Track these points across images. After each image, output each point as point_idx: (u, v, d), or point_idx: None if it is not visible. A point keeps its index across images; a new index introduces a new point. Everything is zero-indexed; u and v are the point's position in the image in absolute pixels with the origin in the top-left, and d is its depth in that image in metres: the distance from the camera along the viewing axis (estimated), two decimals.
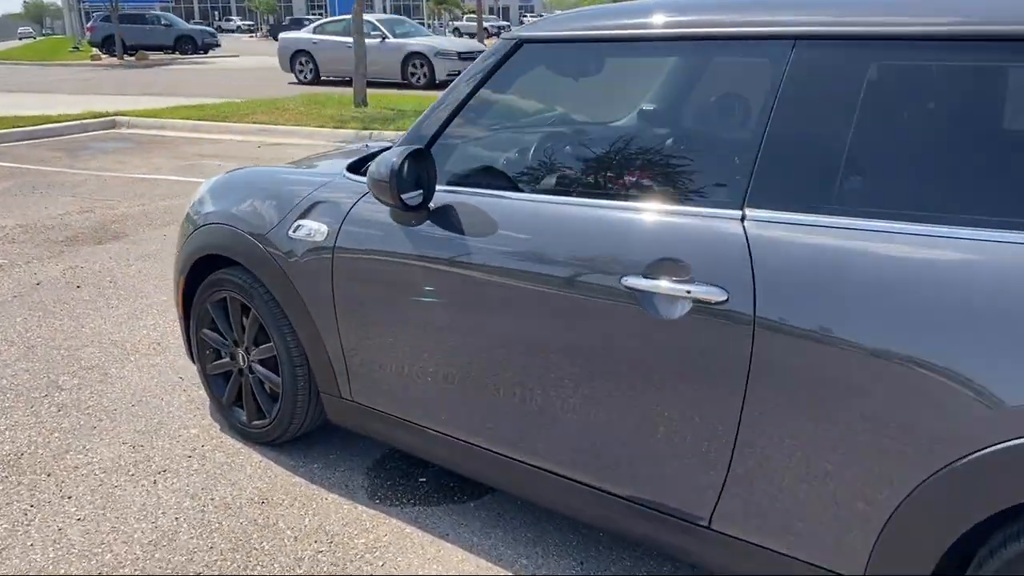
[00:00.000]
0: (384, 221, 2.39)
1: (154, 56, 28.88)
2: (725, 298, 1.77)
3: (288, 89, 16.48)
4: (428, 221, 2.29)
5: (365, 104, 12.46)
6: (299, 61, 18.94)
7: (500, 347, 2.16)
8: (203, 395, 3.40)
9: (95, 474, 2.84)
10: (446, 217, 2.26)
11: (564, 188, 2.16)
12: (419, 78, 17.31)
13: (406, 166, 2.19)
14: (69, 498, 2.70)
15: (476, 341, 2.21)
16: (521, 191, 2.24)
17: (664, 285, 1.85)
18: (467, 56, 16.72)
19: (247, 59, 29.20)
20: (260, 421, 2.96)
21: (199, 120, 11.65)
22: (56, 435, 3.10)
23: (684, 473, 1.92)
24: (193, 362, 3.24)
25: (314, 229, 2.57)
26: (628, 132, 2.39)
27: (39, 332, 4.13)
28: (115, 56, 27.47)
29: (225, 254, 2.85)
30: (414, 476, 2.81)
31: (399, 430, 2.55)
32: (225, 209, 2.87)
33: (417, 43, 17.54)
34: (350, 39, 13.61)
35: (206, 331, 3.06)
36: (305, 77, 18.87)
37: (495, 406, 2.23)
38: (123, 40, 27.53)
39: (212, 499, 2.68)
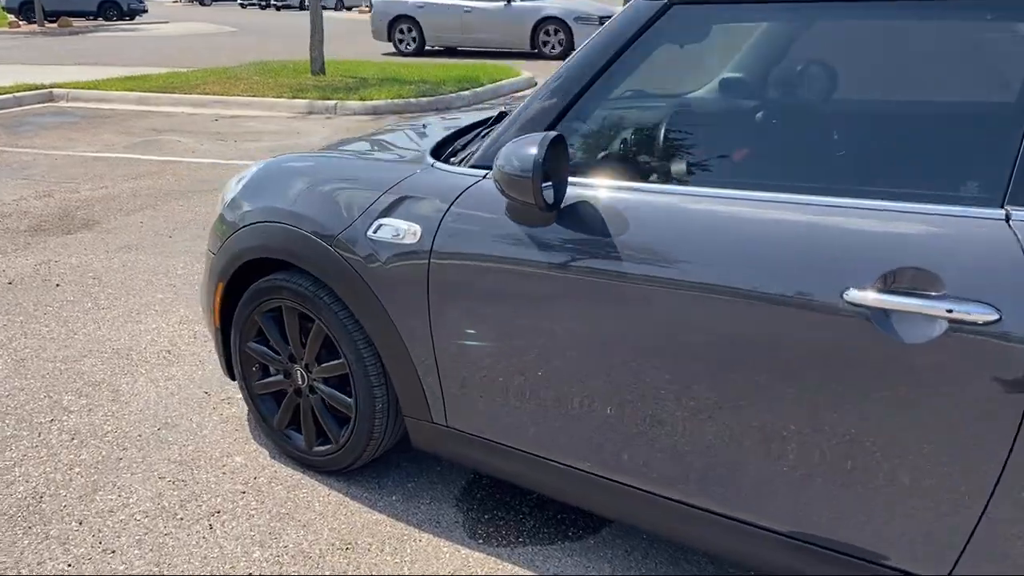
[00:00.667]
0: (499, 221, 2.01)
1: (77, 23, 27.34)
2: (996, 317, 1.45)
3: (233, 57, 15.64)
4: (557, 222, 1.92)
5: (323, 71, 11.84)
6: (399, 29, 16.43)
7: (658, 370, 1.81)
8: (237, 413, 2.98)
9: (136, 519, 2.42)
10: (583, 216, 1.89)
11: (747, 180, 1.81)
12: (552, 47, 15.11)
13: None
14: (113, 552, 2.28)
15: (624, 363, 1.86)
16: (682, 184, 1.88)
17: (905, 301, 1.52)
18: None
19: (178, 26, 27.87)
20: (324, 447, 2.57)
21: (145, 92, 10.90)
22: (77, 471, 2.66)
23: (914, 526, 1.61)
24: (231, 378, 2.83)
25: (403, 230, 2.17)
26: (831, 110, 1.99)
27: (25, 342, 3.63)
28: (35, 23, 25.91)
29: (281, 258, 2.43)
30: (512, 507, 2.46)
31: (507, 460, 2.19)
32: (278, 205, 2.45)
33: (552, 6, 15.08)
34: (466, 2, 12.44)
35: (253, 345, 2.65)
36: (407, 47, 16.48)
37: (648, 439, 1.89)
38: (42, 6, 25.96)
39: (285, 547, 2.29)
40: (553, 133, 1.83)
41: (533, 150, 1.80)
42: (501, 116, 2.71)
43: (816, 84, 1.99)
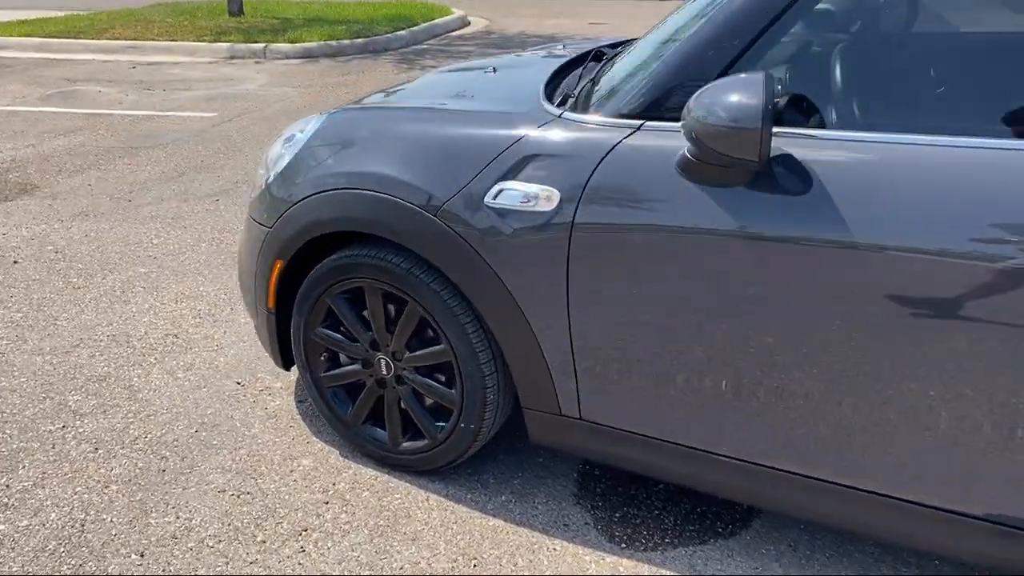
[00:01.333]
0: (671, 181, 1.70)
1: None
2: None
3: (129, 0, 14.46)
4: (760, 181, 1.61)
5: (241, 12, 11.03)
6: None
7: (902, 362, 1.55)
8: (285, 407, 2.61)
9: (209, 546, 2.05)
10: (801, 173, 1.59)
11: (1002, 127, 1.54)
12: None
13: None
14: None
15: (840, 349, 1.59)
16: (927, 132, 1.58)
17: None
18: None
19: None
20: (415, 444, 2.24)
21: (47, 38, 9.91)
22: (115, 489, 2.25)
23: None
24: (284, 368, 2.45)
25: (534, 194, 1.84)
26: None
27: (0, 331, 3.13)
28: None
29: (368, 231, 2.06)
30: (641, 502, 2.19)
31: (657, 455, 1.92)
32: (360, 169, 2.07)
33: None
34: None
35: (322, 331, 2.27)
36: None
37: (852, 430, 1.64)
38: None
39: (402, 569, 1.97)
40: (761, 74, 1.52)
41: (750, 97, 1.49)
42: (599, 55, 2.37)
43: None
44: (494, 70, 2.58)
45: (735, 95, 1.50)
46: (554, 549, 2.02)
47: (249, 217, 2.39)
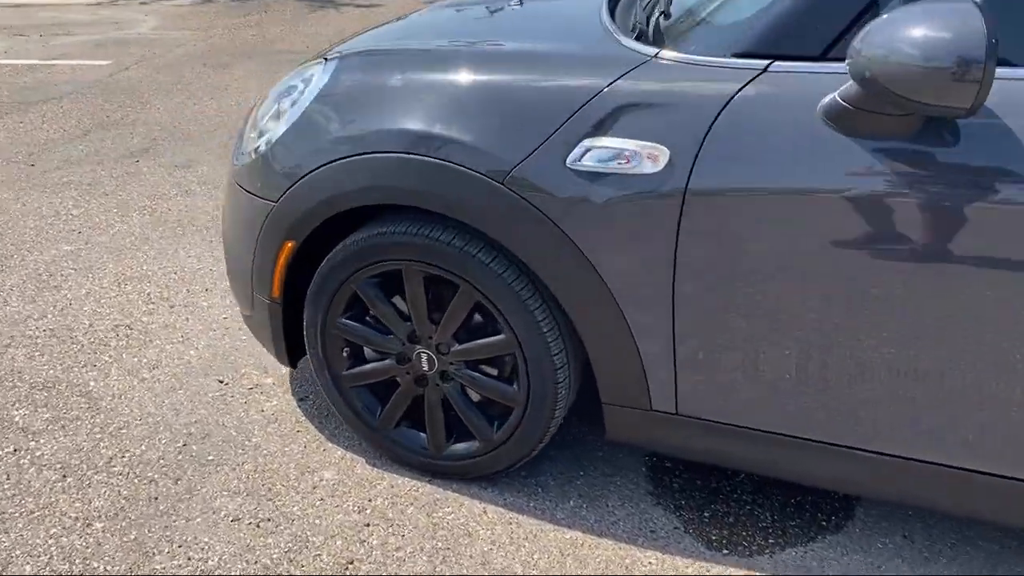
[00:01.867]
0: (815, 134, 1.41)
1: None
2: None
3: None
4: (936, 134, 1.35)
5: None
6: None
7: None
8: (284, 408, 2.24)
9: None
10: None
11: None
12: None
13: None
14: None
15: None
16: None
17: None
18: None
19: None
20: (465, 447, 1.92)
21: None
22: (100, 527, 1.85)
23: None
24: (290, 366, 2.09)
25: (632, 152, 1.52)
26: None
27: None
28: None
29: (412, 203, 1.71)
30: (725, 497, 1.94)
31: (768, 449, 1.67)
32: (394, 126, 1.71)
33: None
34: None
35: (345, 322, 1.90)
36: None
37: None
38: None
39: None
40: (969, 1, 1.24)
41: (966, 30, 1.20)
42: None
43: None
44: (520, 1, 2.21)
45: (941, 28, 1.22)
46: (649, 563, 1.75)
47: (238, 188, 1.98)
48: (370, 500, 1.92)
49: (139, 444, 2.10)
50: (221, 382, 2.35)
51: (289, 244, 1.86)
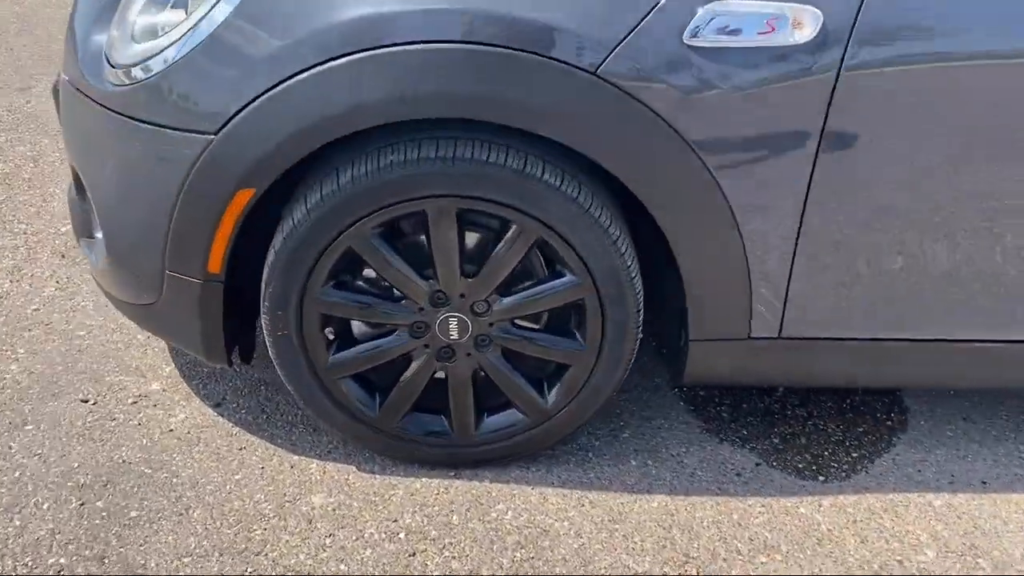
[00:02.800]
0: None
1: None
2: None
3: None
4: None
5: None
6: None
7: None
8: (198, 420, 1.66)
9: None
10: None
11: None
12: None
13: None
14: None
15: None
16: None
17: None
18: None
19: None
20: (506, 422, 1.50)
21: None
22: None
23: None
24: (227, 364, 1.50)
25: (773, 16, 1.18)
26: None
27: None
28: None
29: (466, 115, 1.23)
30: (784, 421, 1.73)
31: (872, 357, 1.48)
32: (425, 4, 1.18)
33: None
34: None
35: (331, 294, 1.37)
36: None
37: None
38: None
39: None
40: None
41: None
42: None
43: None
44: None
45: None
46: (759, 512, 1.50)
47: (125, 120, 1.31)
48: (395, 520, 1.45)
49: (6, 519, 1.41)
50: (85, 401, 1.66)
51: (245, 194, 1.27)
